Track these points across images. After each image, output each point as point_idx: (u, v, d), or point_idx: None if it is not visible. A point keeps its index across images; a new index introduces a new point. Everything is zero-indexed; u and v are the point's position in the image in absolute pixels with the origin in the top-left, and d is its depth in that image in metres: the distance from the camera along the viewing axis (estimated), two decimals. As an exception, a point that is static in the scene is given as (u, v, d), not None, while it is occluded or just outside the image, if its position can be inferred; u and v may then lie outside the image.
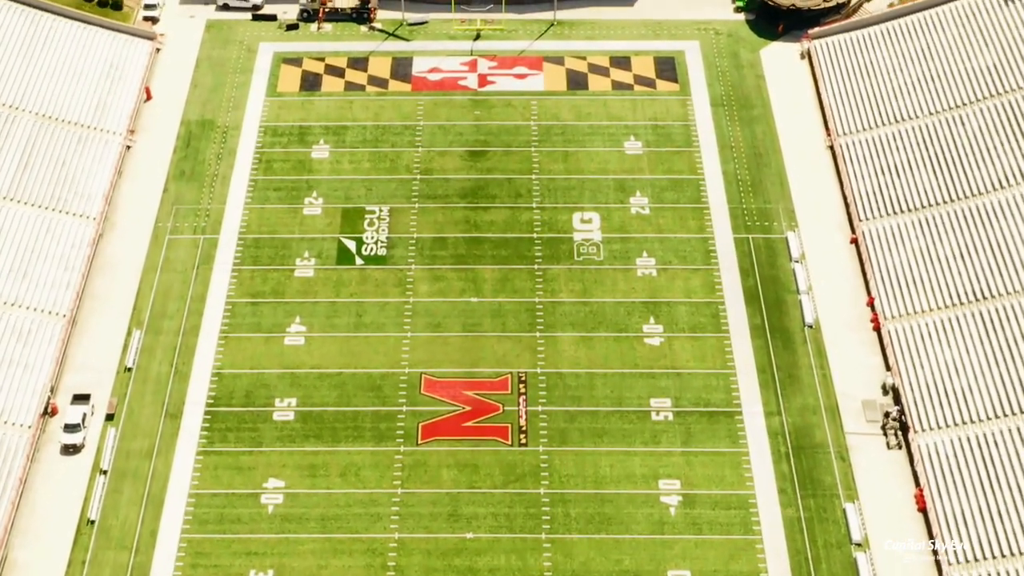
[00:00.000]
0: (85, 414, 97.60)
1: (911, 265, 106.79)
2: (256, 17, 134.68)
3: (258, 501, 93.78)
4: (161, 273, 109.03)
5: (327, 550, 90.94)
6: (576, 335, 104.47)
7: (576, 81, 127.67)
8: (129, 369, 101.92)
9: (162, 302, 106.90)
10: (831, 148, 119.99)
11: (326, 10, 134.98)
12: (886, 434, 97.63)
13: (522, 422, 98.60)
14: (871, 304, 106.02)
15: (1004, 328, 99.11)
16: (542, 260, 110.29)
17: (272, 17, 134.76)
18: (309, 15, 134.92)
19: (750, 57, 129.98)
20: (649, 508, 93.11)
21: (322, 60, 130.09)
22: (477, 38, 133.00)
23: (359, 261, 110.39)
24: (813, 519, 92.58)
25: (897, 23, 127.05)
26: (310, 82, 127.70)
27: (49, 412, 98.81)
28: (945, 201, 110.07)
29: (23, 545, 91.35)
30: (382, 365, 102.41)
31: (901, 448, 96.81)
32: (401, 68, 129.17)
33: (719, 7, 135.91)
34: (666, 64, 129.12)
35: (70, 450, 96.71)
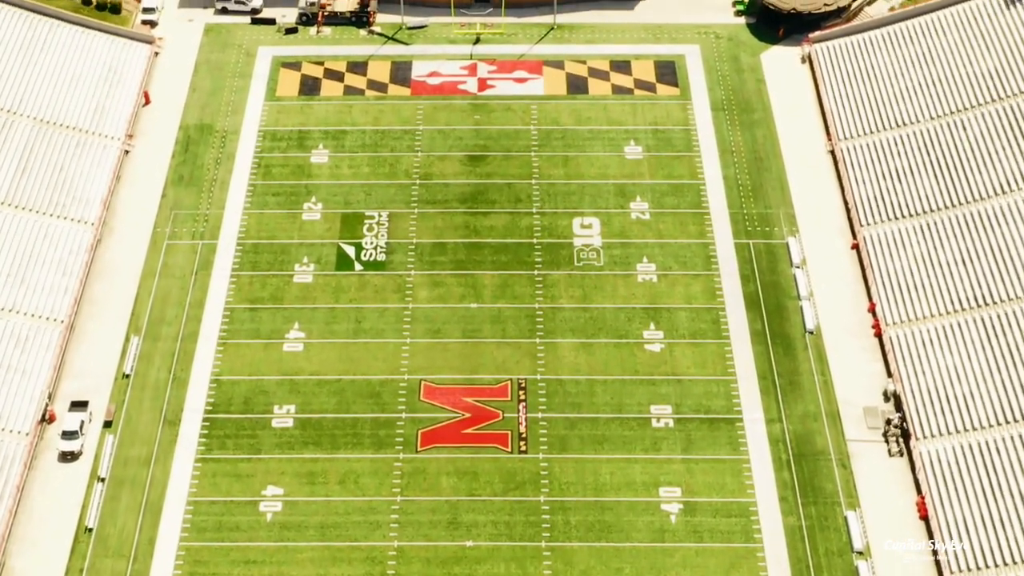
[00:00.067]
0: (83, 421, 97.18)
1: (913, 271, 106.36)
2: (255, 21, 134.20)
3: (257, 509, 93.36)
4: (159, 279, 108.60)
5: (326, 558, 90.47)
6: (576, 341, 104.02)
7: (576, 85, 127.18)
8: (127, 376, 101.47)
9: (160, 308, 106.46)
10: (832, 153, 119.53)
11: (325, 14, 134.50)
12: (887, 441, 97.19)
13: (522, 429, 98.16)
14: (872, 310, 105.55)
15: (1006, 334, 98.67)
16: (542, 265, 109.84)
17: (271, 21, 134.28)
18: (308, 19, 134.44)
19: (751, 61, 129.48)
20: (650, 516, 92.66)
21: (321, 64, 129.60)
22: (477, 42, 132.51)
23: (358, 267, 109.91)
24: (814, 527, 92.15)
25: (898, 27, 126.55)
26: (309, 86, 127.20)
27: (47, 419, 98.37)
28: (947, 206, 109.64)
29: (20, 553, 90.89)
30: (381, 372, 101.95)
31: (903, 455, 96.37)
32: (400, 72, 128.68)
33: (719, 11, 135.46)
34: (666, 68, 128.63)
35: (68, 457, 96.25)
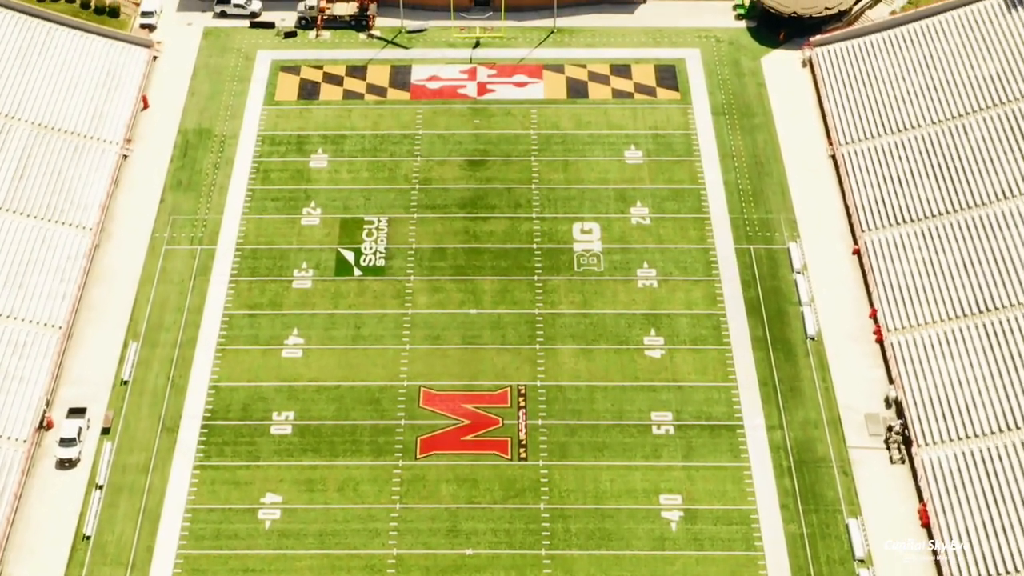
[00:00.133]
0: (81, 428, 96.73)
1: (914, 276, 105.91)
2: (254, 25, 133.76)
3: (255, 516, 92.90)
4: (158, 284, 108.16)
5: (325, 566, 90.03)
6: (576, 347, 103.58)
7: (576, 89, 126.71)
8: (125, 382, 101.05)
9: (159, 314, 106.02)
10: (833, 157, 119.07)
11: (324, 17, 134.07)
12: (889, 448, 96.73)
13: (522, 436, 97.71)
14: (874, 316, 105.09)
15: (1008, 340, 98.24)
16: (542, 271, 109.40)
17: (270, 24, 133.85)
18: (307, 22, 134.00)
19: (751, 65, 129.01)
20: (650, 524, 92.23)
21: (320, 68, 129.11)
22: (476, 46, 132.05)
23: (357, 272, 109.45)
24: (815, 535, 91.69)
25: (899, 31, 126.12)
26: (308, 90, 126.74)
27: (44, 426, 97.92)
28: (948, 211, 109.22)
29: (18, 561, 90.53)
30: (381, 378, 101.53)
31: (904, 462, 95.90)
32: (400, 76, 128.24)
33: (720, 14, 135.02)
34: (667, 72, 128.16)
35: (65, 464, 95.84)
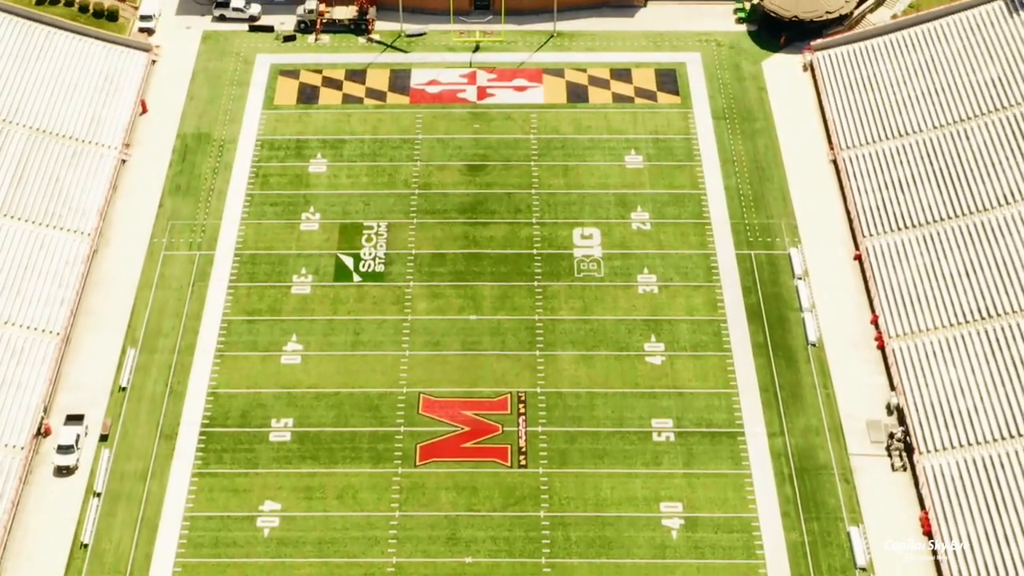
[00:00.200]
0: (78, 435, 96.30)
1: (916, 282, 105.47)
2: (253, 28, 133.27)
3: (254, 524, 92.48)
4: (156, 290, 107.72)
5: (324, 575, 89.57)
6: (576, 354, 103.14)
7: (576, 94, 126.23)
8: (124, 388, 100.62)
9: (157, 320, 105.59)
10: (834, 162, 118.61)
11: (324, 21, 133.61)
12: (891, 455, 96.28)
13: (522, 443, 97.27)
14: (875, 322, 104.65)
15: (1011, 347, 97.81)
16: (542, 277, 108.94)
17: (269, 28, 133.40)
18: (306, 26, 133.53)
19: (752, 69, 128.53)
20: (650, 532, 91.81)
21: (319, 72, 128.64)
22: (476, 50, 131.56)
23: (357, 278, 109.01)
24: (817, 543, 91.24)
25: (901, 35, 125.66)
26: (307, 95, 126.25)
27: (42, 433, 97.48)
28: (950, 217, 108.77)
29: (15, 569, 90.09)
30: (380, 384, 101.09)
31: (906, 470, 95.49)
32: (399, 80, 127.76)
33: (721, 18, 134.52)
34: (667, 76, 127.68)
35: (63, 472, 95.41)
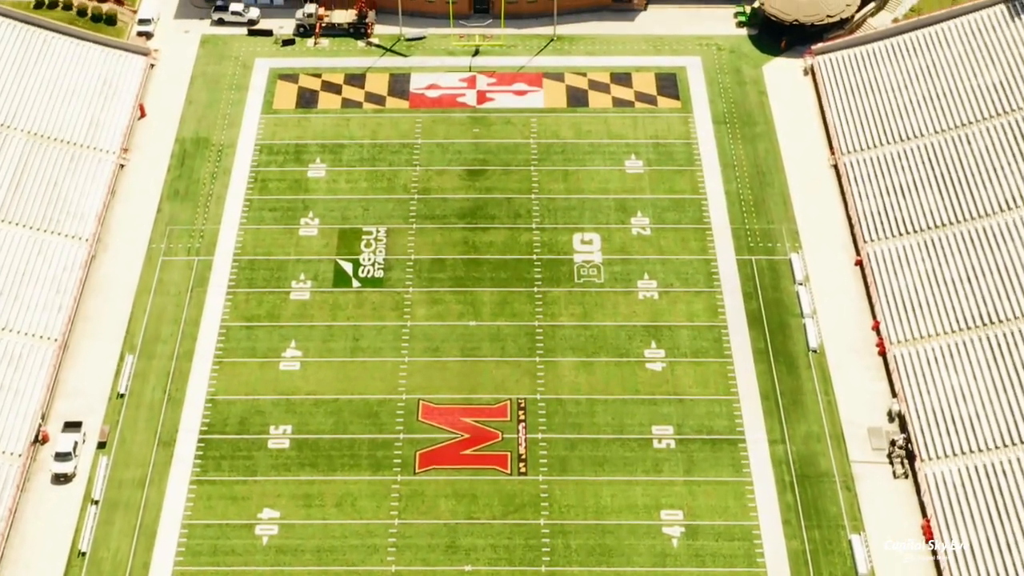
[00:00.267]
0: (76, 442, 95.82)
1: (917, 288, 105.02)
2: (252, 32, 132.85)
3: (252, 532, 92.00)
4: (154, 296, 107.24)
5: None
6: (576, 360, 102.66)
7: (576, 98, 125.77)
8: (121, 395, 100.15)
9: (155, 326, 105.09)
10: (835, 167, 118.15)
11: (323, 25, 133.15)
12: (892, 463, 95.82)
13: (521, 450, 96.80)
14: (876, 328, 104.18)
15: (1013, 353, 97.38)
16: (542, 282, 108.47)
17: (268, 32, 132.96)
18: (305, 30, 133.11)
19: (752, 73, 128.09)
20: (651, 539, 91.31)
21: (319, 76, 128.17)
22: (476, 54, 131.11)
23: (356, 284, 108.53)
24: (818, 551, 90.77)
25: (902, 39, 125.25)
26: (306, 99, 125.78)
27: (40, 440, 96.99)
28: (951, 222, 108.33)
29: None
30: (379, 391, 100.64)
31: (908, 477, 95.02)
32: (399, 84, 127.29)
33: (721, 22, 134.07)
34: (667, 80, 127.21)
35: (61, 479, 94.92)
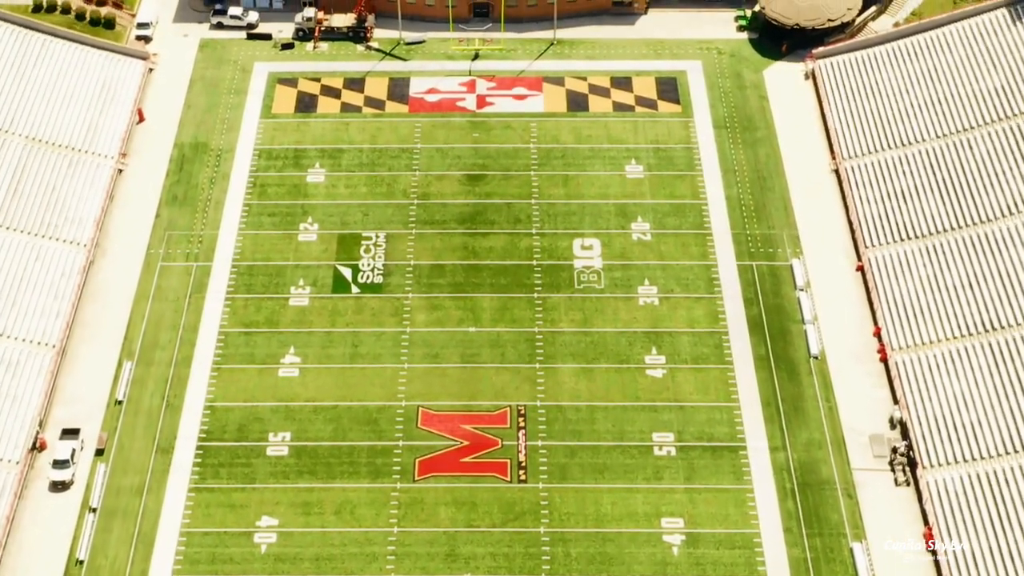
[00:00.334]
0: (74, 449, 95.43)
1: (918, 294, 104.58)
2: (251, 36, 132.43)
3: (251, 540, 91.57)
4: (153, 302, 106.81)
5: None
6: (576, 366, 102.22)
7: (576, 102, 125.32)
8: (120, 402, 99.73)
9: (154, 332, 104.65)
10: (836, 172, 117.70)
11: (322, 29, 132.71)
12: (894, 470, 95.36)
13: (521, 457, 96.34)
14: (878, 334, 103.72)
15: (1015, 360, 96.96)
16: (542, 288, 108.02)
17: (267, 36, 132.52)
18: (305, 34, 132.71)
19: (753, 77, 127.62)
20: (651, 548, 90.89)
21: (318, 80, 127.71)
22: (476, 58, 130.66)
23: (355, 289, 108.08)
24: (819, 559, 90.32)
25: (903, 43, 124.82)
26: (305, 103, 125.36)
27: (37, 447, 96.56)
28: (953, 228, 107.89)
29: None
30: (378, 398, 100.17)
31: (909, 484, 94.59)
32: (398, 89, 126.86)
33: (722, 25, 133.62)
34: (668, 85, 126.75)
35: (59, 487, 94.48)
